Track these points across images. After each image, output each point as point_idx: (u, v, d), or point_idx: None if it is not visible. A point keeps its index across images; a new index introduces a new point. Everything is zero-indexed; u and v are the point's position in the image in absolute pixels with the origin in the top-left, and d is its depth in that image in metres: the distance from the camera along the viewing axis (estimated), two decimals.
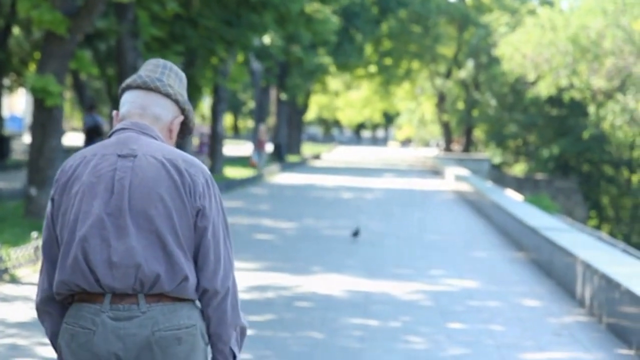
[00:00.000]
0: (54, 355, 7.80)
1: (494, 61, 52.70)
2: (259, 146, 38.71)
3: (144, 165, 3.42)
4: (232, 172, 34.84)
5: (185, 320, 3.40)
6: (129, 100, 3.59)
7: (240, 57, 36.74)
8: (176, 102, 3.60)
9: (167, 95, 3.58)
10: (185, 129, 3.69)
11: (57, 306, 3.54)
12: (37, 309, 3.58)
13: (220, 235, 3.48)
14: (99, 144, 3.55)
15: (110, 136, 3.56)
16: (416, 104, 75.51)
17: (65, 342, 3.42)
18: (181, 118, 3.63)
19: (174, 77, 3.63)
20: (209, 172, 3.53)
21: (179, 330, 3.38)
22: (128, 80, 3.61)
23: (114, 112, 3.65)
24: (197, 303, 3.50)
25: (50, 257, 3.51)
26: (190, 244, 3.42)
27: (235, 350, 3.52)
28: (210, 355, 3.55)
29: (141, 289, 3.36)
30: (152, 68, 3.62)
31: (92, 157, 3.48)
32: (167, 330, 3.36)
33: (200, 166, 3.49)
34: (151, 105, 3.57)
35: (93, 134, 24.24)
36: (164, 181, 3.41)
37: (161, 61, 3.67)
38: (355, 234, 16.70)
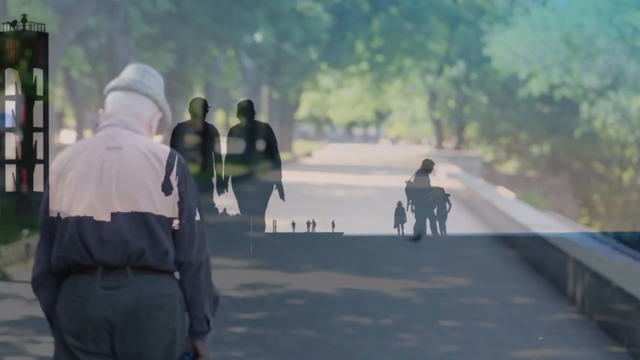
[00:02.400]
0: (46, 352, 7.80)
1: (485, 59, 52.69)
2: None
3: (129, 156, 3.89)
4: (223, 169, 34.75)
5: (167, 289, 3.90)
6: (114, 100, 4.04)
7: (231, 54, 36.67)
8: (155, 101, 4.05)
9: (147, 96, 4.04)
10: (162, 125, 4.11)
11: (53, 279, 3.97)
12: (34, 281, 4.02)
13: (194, 215, 3.94)
14: (88, 138, 4.05)
15: (98, 131, 4.00)
16: (408, 102, 75.50)
17: (63, 309, 3.90)
18: (160, 115, 4.08)
19: (153, 79, 4.08)
20: (184, 161, 3.98)
21: (161, 299, 3.88)
22: (112, 83, 4.08)
23: (100, 110, 4.07)
24: (177, 275, 3.96)
25: (47, 237, 3.96)
26: (169, 223, 3.91)
27: (209, 316, 3.99)
28: (187, 321, 3.98)
29: (128, 261, 3.85)
30: (134, 71, 4.07)
31: (83, 150, 3.94)
32: (151, 298, 3.86)
33: (177, 156, 3.95)
34: (133, 105, 4.02)
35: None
36: (146, 169, 3.89)
37: (141, 65, 4.13)
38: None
